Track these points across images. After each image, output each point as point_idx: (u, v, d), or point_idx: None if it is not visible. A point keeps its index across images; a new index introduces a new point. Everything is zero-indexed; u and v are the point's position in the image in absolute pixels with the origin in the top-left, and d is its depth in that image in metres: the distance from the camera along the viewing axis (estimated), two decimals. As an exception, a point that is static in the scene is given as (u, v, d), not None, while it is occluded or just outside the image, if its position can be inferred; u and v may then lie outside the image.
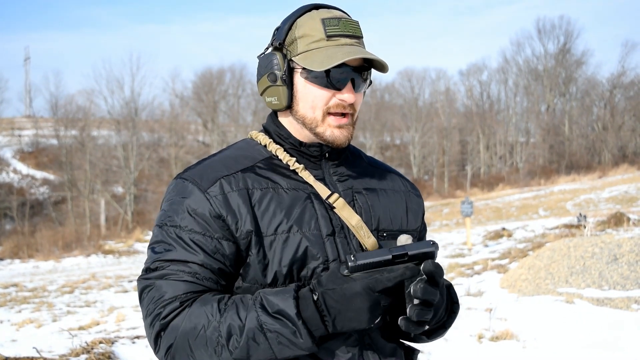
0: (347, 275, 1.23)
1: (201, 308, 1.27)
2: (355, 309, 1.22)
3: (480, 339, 5.95)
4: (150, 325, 1.31)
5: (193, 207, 1.35)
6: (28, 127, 53.74)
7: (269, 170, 1.43)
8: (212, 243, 1.34)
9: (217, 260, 1.34)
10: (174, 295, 1.29)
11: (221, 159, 1.45)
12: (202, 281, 1.32)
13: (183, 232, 1.34)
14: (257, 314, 1.23)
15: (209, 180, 1.38)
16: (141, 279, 1.36)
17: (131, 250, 23.03)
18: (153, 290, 1.32)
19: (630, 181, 30.97)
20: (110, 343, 4.87)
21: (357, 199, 1.48)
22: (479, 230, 18.16)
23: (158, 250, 1.35)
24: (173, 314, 1.28)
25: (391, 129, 53.41)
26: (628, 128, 51.28)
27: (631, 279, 7.15)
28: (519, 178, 44.54)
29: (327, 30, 1.38)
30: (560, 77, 53.97)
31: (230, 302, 1.28)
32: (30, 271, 18.47)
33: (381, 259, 1.24)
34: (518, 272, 8.56)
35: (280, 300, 1.24)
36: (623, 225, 12.01)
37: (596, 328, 5.99)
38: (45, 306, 10.33)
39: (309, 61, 1.37)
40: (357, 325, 1.24)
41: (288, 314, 1.22)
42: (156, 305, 1.30)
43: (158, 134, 45.24)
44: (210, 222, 1.34)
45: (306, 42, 1.39)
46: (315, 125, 1.41)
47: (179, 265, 1.32)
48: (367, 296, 1.22)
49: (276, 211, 1.37)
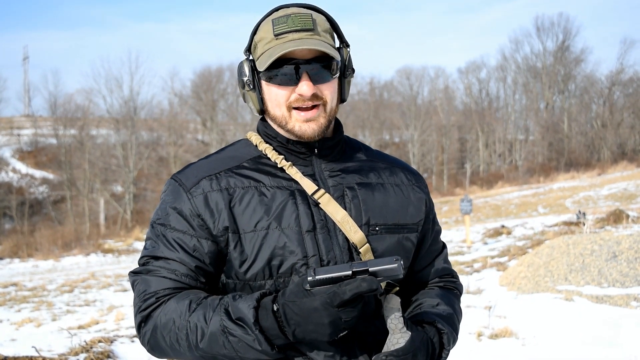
0: (308, 290, 1.25)
1: (174, 305, 1.34)
2: (315, 322, 1.23)
3: (479, 336, 5.95)
4: (135, 316, 1.41)
5: (176, 206, 1.42)
6: (27, 127, 53.67)
7: (254, 170, 1.47)
8: (192, 241, 1.40)
9: (195, 258, 1.40)
10: (154, 290, 1.38)
11: (210, 160, 1.51)
12: (181, 278, 1.39)
13: (167, 230, 1.42)
14: (220, 318, 1.29)
15: (193, 180, 1.44)
16: (131, 273, 1.45)
17: (130, 249, 23.02)
18: (138, 285, 1.41)
19: (629, 178, 30.98)
20: (109, 342, 4.87)
21: (347, 194, 1.47)
22: (478, 228, 18.18)
23: (147, 247, 1.45)
24: (151, 308, 1.37)
25: (390, 127, 53.41)
26: (627, 125, 51.30)
27: (630, 276, 7.15)
28: (518, 176, 44.55)
29: (275, 29, 1.41)
30: (559, 75, 53.98)
31: (201, 302, 1.33)
32: (30, 270, 18.46)
33: (341, 274, 1.25)
34: (517, 269, 8.57)
35: (242, 307, 1.28)
36: (622, 223, 12.01)
37: (595, 325, 5.99)
38: (45, 305, 10.33)
39: (260, 63, 1.42)
40: (320, 337, 1.26)
41: (246, 322, 1.26)
42: (139, 298, 1.39)
43: (157, 133, 45.19)
44: (190, 221, 1.40)
45: (262, 45, 1.43)
46: (285, 123, 1.44)
47: (161, 262, 1.40)
48: (325, 311, 1.22)
49: (256, 208, 1.40)
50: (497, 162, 52.92)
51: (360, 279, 1.23)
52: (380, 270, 1.26)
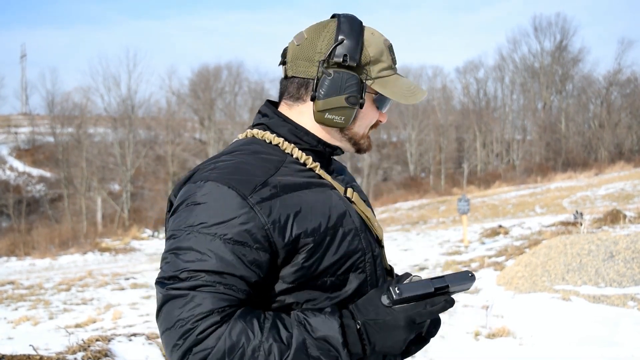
0: (389, 306, 1.25)
1: (241, 325, 1.20)
2: (395, 339, 1.25)
3: (476, 336, 5.96)
4: (180, 338, 1.19)
5: (233, 215, 1.25)
6: (24, 125, 53.59)
7: (295, 172, 1.38)
8: (252, 254, 1.25)
9: (253, 271, 1.25)
10: (210, 309, 1.19)
11: (248, 161, 1.35)
12: (238, 294, 1.23)
13: (219, 241, 1.23)
14: (303, 337, 1.21)
15: (247, 184, 1.28)
16: (168, 287, 1.23)
17: (128, 248, 22.99)
18: (183, 302, 1.20)
19: (626, 178, 31.01)
20: (107, 340, 4.86)
21: (356, 192, 1.51)
22: (475, 228, 18.17)
23: (187, 259, 1.23)
24: (210, 330, 1.18)
25: (388, 126, 53.38)
26: (624, 125, 51.35)
27: (627, 276, 7.16)
28: (515, 175, 44.58)
29: (393, 58, 1.45)
30: (556, 75, 54.02)
31: (269, 320, 1.23)
32: (27, 269, 18.42)
33: (425, 292, 1.24)
34: (514, 269, 8.58)
35: (324, 325, 1.22)
36: (619, 223, 12.03)
37: (592, 325, 6.00)
38: (42, 304, 10.31)
39: (389, 91, 1.42)
40: (392, 352, 1.28)
41: (334, 341, 1.21)
42: (189, 318, 1.19)
43: (155, 131, 45.10)
44: (250, 232, 1.25)
45: (379, 68, 1.41)
46: (360, 139, 1.47)
47: (214, 276, 1.22)
48: (407, 328, 1.25)
49: (317, 211, 1.33)
50: (495, 162, 52.96)
51: (444, 300, 1.25)
52: (459, 286, 1.27)
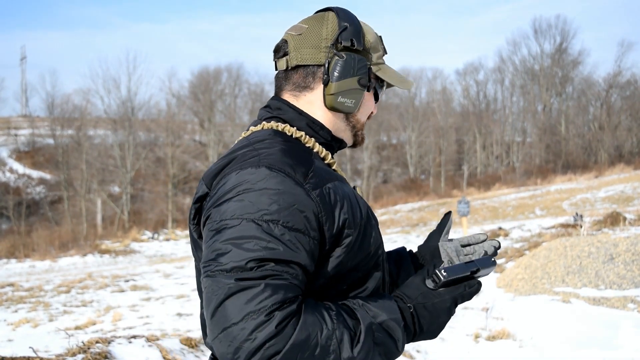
0: (434, 289, 1.30)
1: (313, 314, 1.17)
2: (439, 322, 1.31)
3: (476, 338, 5.96)
4: (253, 331, 1.12)
5: (292, 202, 1.22)
6: (24, 127, 53.62)
7: (323, 164, 1.41)
8: (310, 243, 1.23)
9: (312, 261, 1.24)
10: (283, 299, 1.15)
11: (289, 151, 1.32)
12: (302, 284, 1.21)
13: (284, 229, 1.20)
14: (369, 321, 1.22)
15: (301, 173, 1.27)
16: (234, 279, 1.16)
17: (127, 250, 22.98)
18: (253, 293, 1.14)
19: (626, 181, 31.03)
20: (106, 343, 4.85)
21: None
22: (475, 230, 18.19)
23: (252, 248, 1.18)
24: (287, 320, 1.14)
25: (388, 128, 53.42)
26: (624, 128, 51.38)
27: (627, 279, 7.16)
28: (515, 177, 44.58)
29: (384, 47, 1.50)
30: (556, 77, 54.04)
31: (334, 309, 1.22)
32: (27, 271, 18.41)
33: (464, 275, 1.31)
34: (514, 271, 8.58)
35: (385, 309, 1.26)
36: (619, 225, 12.02)
37: (592, 327, 6.00)
38: (42, 306, 10.30)
39: (388, 77, 1.48)
40: (431, 337, 1.33)
41: (395, 325, 1.25)
42: (263, 310, 1.13)
43: (154, 134, 45.12)
44: (310, 220, 1.23)
45: (377, 55, 1.47)
46: (360, 128, 1.52)
47: (282, 265, 1.18)
48: (451, 310, 1.32)
49: (352, 203, 1.33)
50: (495, 164, 52.97)
51: (478, 282, 1.34)
52: (485, 272, 1.36)
